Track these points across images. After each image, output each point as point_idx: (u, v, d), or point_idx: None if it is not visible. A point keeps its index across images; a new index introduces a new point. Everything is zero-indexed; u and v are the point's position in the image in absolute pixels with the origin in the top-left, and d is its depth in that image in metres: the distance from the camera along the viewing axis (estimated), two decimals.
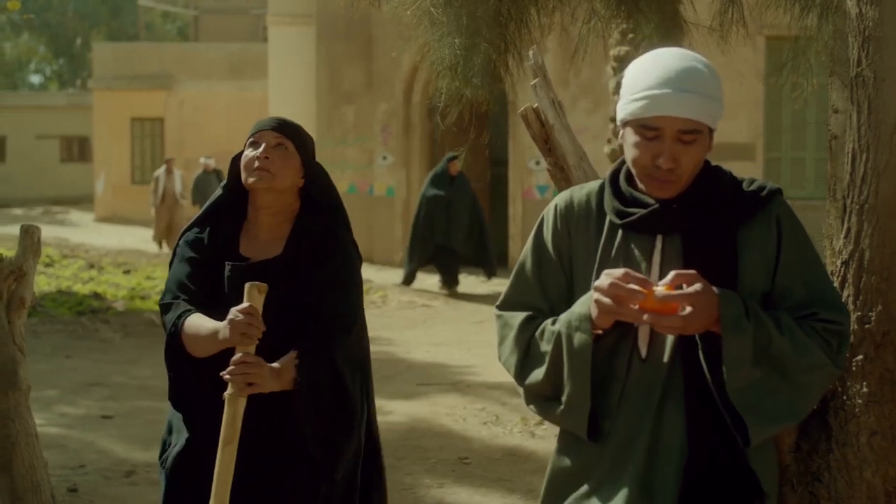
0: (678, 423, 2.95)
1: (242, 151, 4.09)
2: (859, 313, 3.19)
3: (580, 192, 3.15)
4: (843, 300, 3.20)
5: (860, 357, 3.18)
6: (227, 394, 3.69)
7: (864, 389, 3.19)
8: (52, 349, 12.14)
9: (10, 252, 6.38)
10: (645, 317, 2.85)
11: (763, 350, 2.90)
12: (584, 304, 2.98)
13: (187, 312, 3.91)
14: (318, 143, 19.14)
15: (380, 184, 20.54)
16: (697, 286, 2.84)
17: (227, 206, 4.13)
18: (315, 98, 21.54)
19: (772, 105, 17.11)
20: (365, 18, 19.19)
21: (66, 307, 14.94)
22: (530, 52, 3.70)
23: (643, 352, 2.97)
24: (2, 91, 47.63)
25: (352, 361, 3.98)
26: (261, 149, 4.00)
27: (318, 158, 4.14)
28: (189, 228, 4.16)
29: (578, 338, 2.98)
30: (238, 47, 32.16)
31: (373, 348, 4.17)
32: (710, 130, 2.96)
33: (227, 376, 3.68)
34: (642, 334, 2.97)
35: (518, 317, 3.15)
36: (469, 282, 17.82)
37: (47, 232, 15.73)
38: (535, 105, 3.60)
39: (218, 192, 4.19)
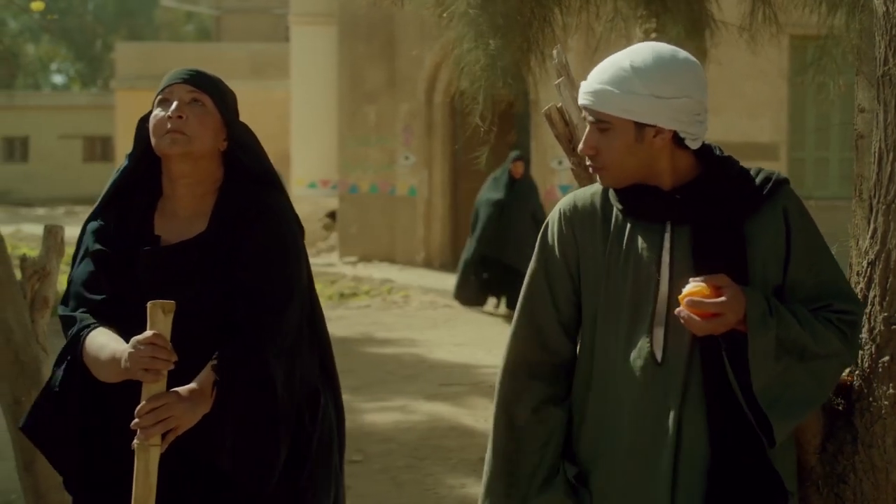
0: (700, 427, 2.94)
1: (150, 112, 3.43)
2: (885, 314, 3.17)
3: (584, 193, 3.14)
4: (868, 301, 3.18)
5: (886, 358, 3.16)
6: (135, 443, 3.06)
7: (891, 391, 3.16)
8: None
9: (33, 252, 6.40)
10: (681, 311, 2.84)
11: (784, 344, 2.89)
12: None
13: (88, 327, 3.27)
14: (340, 143, 19.12)
15: (402, 184, 20.53)
16: (730, 291, 2.84)
17: (137, 180, 3.46)
18: (337, 98, 21.55)
19: (796, 104, 17.04)
20: (387, 18, 19.21)
21: None
22: (554, 52, 3.69)
23: (658, 356, 2.96)
24: (25, 91, 47.86)
25: (287, 350, 3.32)
26: (172, 107, 3.34)
27: (339, 158, 3.59)
28: (94, 213, 3.48)
29: None
30: (260, 47, 32.21)
31: (394, 349, 4.00)
32: (640, 125, 2.94)
33: (135, 427, 3.06)
34: (656, 339, 2.96)
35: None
36: None
37: (70, 231, 15.76)
38: (559, 104, 3.59)
39: (124, 163, 3.50)
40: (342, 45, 21.19)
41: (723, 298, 2.83)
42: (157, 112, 3.38)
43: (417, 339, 12.91)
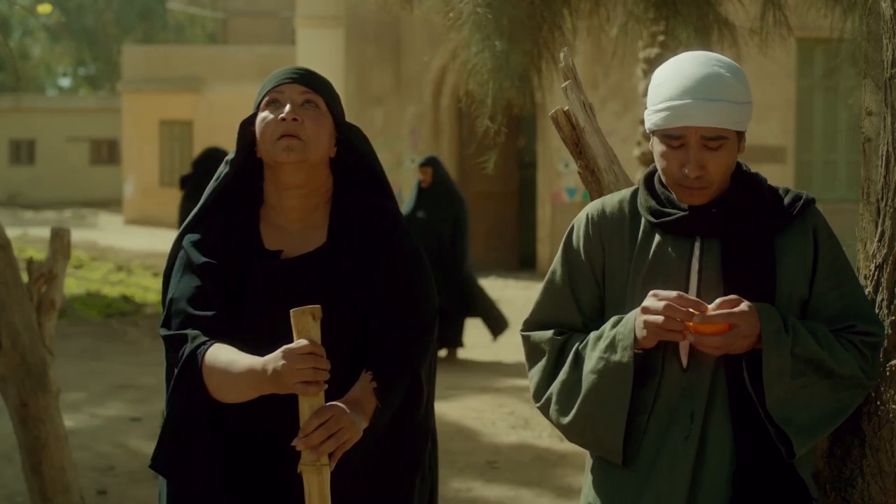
0: (725, 432, 2.93)
1: (255, 114, 3.11)
2: (893, 317, 3.16)
3: (612, 199, 3.13)
4: (876, 305, 3.18)
5: (894, 362, 3.15)
6: (303, 465, 2.77)
7: None
8: (81, 351, 12.18)
9: (40, 254, 6.40)
10: (689, 335, 2.84)
11: (801, 361, 2.89)
12: (627, 326, 2.94)
13: (204, 345, 2.94)
14: None
15: (409, 186, 20.48)
16: (743, 307, 2.84)
17: (237, 188, 3.14)
18: (343, 100, 21.46)
19: (803, 107, 17.03)
20: (393, 21, 19.22)
21: (96, 310, 14.98)
22: (561, 55, 3.68)
23: (684, 362, 2.95)
24: (31, 94, 47.87)
25: (432, 372, 3.12)
26: (286, 109, 3.04)
27: None
28: (193, 224, 3.14)
29: (620, 360, 2.94)
30: (267, 49, 32.21)
31: None
32: (739, 134, 2.94)
33: (305, 446, 2.75)
34: (683, 345, 2.95)
35: (548, 337, 3.09)
36: (503, 290, 17.76)
37: (77, 234, 15.80)
38: (566, 107, 3.58)
39: (223, 169, 3.15)
40: (349, 48, 21.20)
41: (733, 310, 2.83)
42: (266, 115, 3.06)
43: None
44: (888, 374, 3.16)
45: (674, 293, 2.87)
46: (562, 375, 3.05)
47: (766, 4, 6.15)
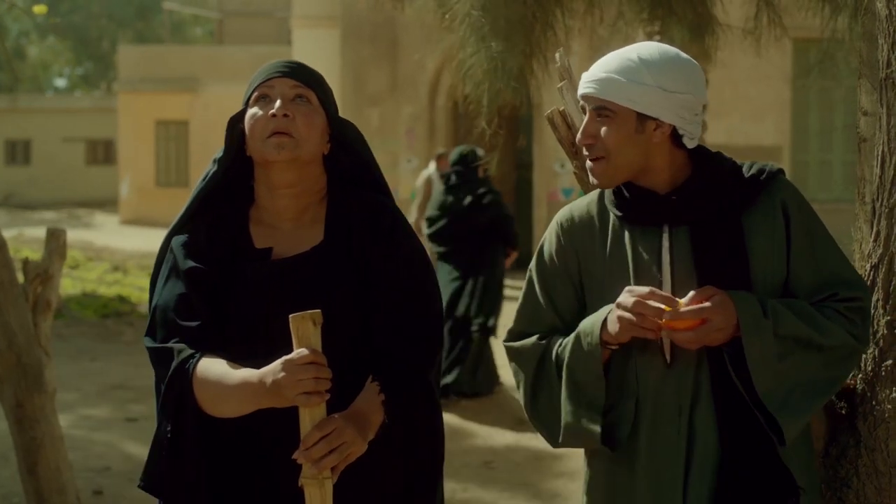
0: (711, 425, 2.93)
1: (244, 110, 2.97)
2: (889, 317, 3.16)
3: (579, 204, 3.14)
4: (872, 305, 3.17)
5: (889, 362, 3.15)
6: (304, 478, 2.64)
7: (894, 395, 3.15)
8: (77, 352, 12.18)
9: (35, 255, 6.41)
10: (662, 332, 2.84)
11: (787, 341, 2.88)
12: (592, 320, 2.97)
13: (193, 358, 2.81)
14: None
15: (404, 187, 20.52)
16: (716, 300, 2.83)
17: (226, 188, 3.00)
18: (339, 100, 21.49)
19: (799, 107, 17.03)
20: (389, 21, 19.22)
21: (92, 310, 14.98)
22: (557, 55, 3.68)
23: (668, 357, 2.95)
24: (28, 94, 47.82)
25: (438, 375, 2.98)
26: (277, 104, 2.87)
27: None
28: (180, 225, 2.99)
29: (588, 347, 2.96)
30: (263, 50, 32.17)
31: None
32: (643, 116, 2.94)
33: (306, 459, 2.63)
34: (665, 340, 2.95)
35: (530, 344, 3.13)
36: None
37: (72, 235, 15.78)
38: (562, 108, 3.58)
39: (210, 168, 3.01)
40: (345, 48, 21.20)
41: (704, 304, 2.83)
42: (256, 111, 2.91)
43: None
44: (883, 373, 3.16)
45: (646, 289, 2.87)
46: (543, 398, 3.12)
47: (759, 4, 6.16)
